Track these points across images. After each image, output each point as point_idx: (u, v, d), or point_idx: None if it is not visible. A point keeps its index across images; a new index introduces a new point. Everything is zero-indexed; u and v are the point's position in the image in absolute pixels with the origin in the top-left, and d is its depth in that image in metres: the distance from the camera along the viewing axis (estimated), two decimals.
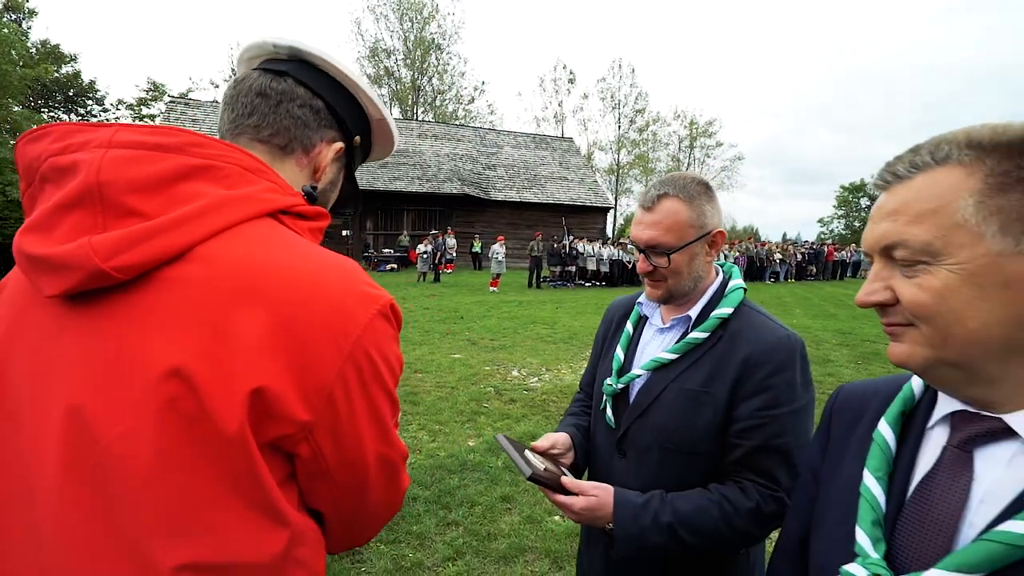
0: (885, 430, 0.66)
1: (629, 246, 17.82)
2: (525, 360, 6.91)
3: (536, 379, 6.06)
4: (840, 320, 11.11)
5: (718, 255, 1.18)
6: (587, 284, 17.92)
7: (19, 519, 0.56)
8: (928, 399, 0.66)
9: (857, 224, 47.65)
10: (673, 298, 1.18)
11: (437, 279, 16.65)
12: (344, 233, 18.98)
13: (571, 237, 18.04)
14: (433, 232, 18.06)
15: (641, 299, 1.28)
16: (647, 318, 1.27)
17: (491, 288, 14.66)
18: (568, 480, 1.09)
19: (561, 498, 1.06)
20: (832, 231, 51.48)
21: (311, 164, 0.78)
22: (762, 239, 30.28)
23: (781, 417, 1.04)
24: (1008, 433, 0.55)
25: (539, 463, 1.11)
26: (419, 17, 36.83)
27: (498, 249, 15.51)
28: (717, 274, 1.21)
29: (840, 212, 51.58)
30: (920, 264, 0.56)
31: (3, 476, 0.58)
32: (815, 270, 23.40)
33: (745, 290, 1.18)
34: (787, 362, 1.06)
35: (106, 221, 0.56)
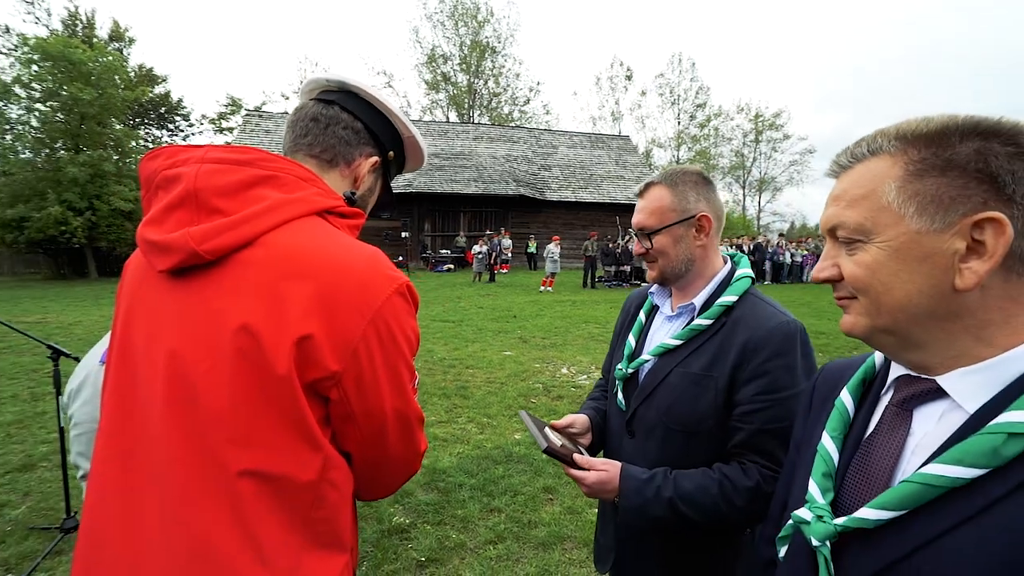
0: (845, 396, 0.72)
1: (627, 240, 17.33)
2: (575, 358, 6.95)
3: (585, 376, 6.10)
4: None
5: (711, 240, 1.23)
6: (642, 284, 17.58)
7: (140, 430, 0.76)
8: (885, 369, 0.70)
9: None
10: (668, 279, 1.25)
11: (492, 279, 16.93)
12: (403, 235, 19.70)
13: (626, 237, 17.80)
14: (488, 233, 18.38)
15: (653, 289, 1.35)
16: (659, 307, 1.34)
17: (543, 287, 14.74)
18: (580, 457, 1.18)
19: (574, 472, 1.15)
20: None
21: (352, 174, 0.96)
22: None
23: (783, 401, 1.08)
24: (941, 393, 0.60)
25: (556, 439, 1.21)
26: (474, 21, 37.55)
27: (553, 249, 15.58)
28: (726, 263, 1.27)
29: None
30: (856, 242, 0.62)
31: (128, 401, 0.78)
32: None
33: (752, 279, 1.22)
34: (785, 347, 1.09)
35: (199, 217, 0.76)
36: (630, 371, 1.28)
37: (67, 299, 13.68)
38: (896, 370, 0.67)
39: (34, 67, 18.95)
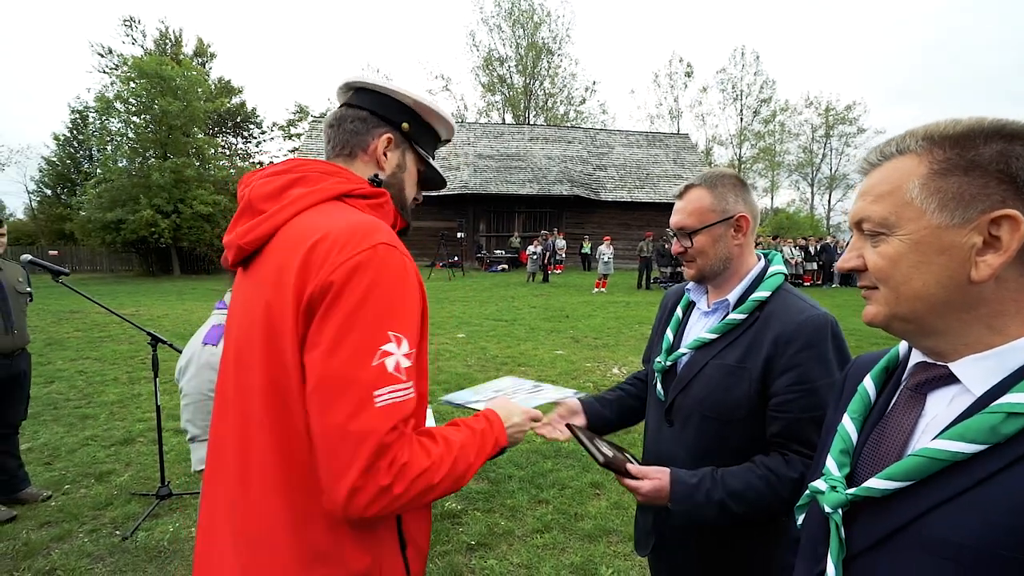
0: (867, 382, 0.76)
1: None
2: (627, 359, 6.92)
3: None
4: None
5: (748, 239, 1.27)
6: None
7: (226, 385, 0.95)
8: (906, 358, 0.74)
9: None
10: (705, 277, 1.30)
11: (546, 279, 17.00)
12: (459, 235, 20.14)
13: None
14: (543, 233, 18.46)
15: (690, 286, 1.40)
16: (695, 303, 1.39)
17: (596, 288, 14.65)
18: (633, 467, 1.23)
19: (630, 482, 1.19)
20: None
21: (372, 158, 1.04)
22: None
23: (816, 390, 1.11)
24: (952, 379, 0.64)
25: (607, 449, 1.28)
26: (530, 23, 37.73)
27: (605, 250, 15.46)
28: (759, 260, 1.31)
29: None
30: (880, 235, 0.66)
31: (224, 366, 0.97)
32: None
33: (785, 276, 1.26)
34: (816, 338, 1.13)
35: (252, 219, 0.93)
36: (668, 364, 1.34)
37: (156, 294, 15.02)
38: (915, 358, 0.71)
39: (132, 84, 20.87)
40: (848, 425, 0.74)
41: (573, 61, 54.70)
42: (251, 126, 31.36)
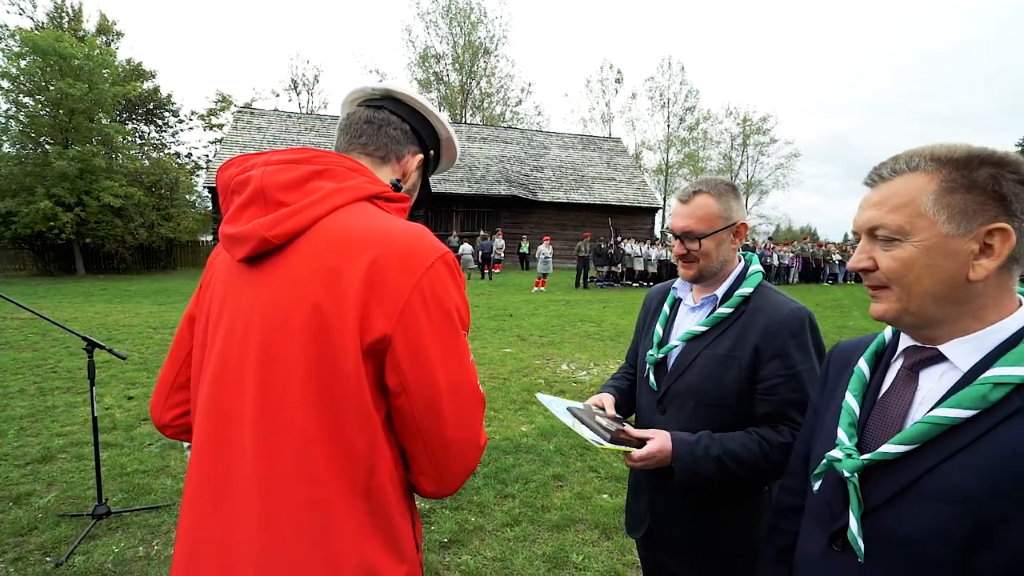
0: (862, 364, 0.89)
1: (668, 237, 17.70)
2: (574, 355, 7.14)
3: (585, 372, 6.29)
4: None
5: (739, 243, 1.42)
6: (634, 284, 17.90)
7: (234, 387, 0.84)
8: (893, 342, 0.88)
9: None
10: (703, 278, 1.42)
11: (483, 277, 17.10)
12: None
13: (618, 238, 18.07)
14: (482, 233, 18.57)
15: (676, 284, 1.54)
16: (681, 300, 1.52)
17: (536, 288, 14.93)
18: (635, 431, 1.31)
19: (638, 452, 1.27)
20: None
21: (401, 170, 1.06)
22: (820, 239, 29.05)
23: (800, 374, 1.27)
24: (941, 358, 0.78)
25: (608, 424, 1.35)
26: (467, 21, 37.65)
27: (544, 249, 15.78)
28: (739, 261, 1.46)
29: None
30: (894, 241, 0.78)
31: (223, 366, 0.86)
32: None
33: (763, 274, 1.42)
34: (798, 329, 1.29)
35: (267, 210, 0.86)
36: (660, 356, 1.46)
37: (58, 296, 13.57)
38: (904, 342, 0.85)
39: (23, 61, 18.67)
40: (851, 401, 0.87)
41: (510, 62, 55.29)
42: (166, 114, 28.92)
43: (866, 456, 0.78)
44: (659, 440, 1.28)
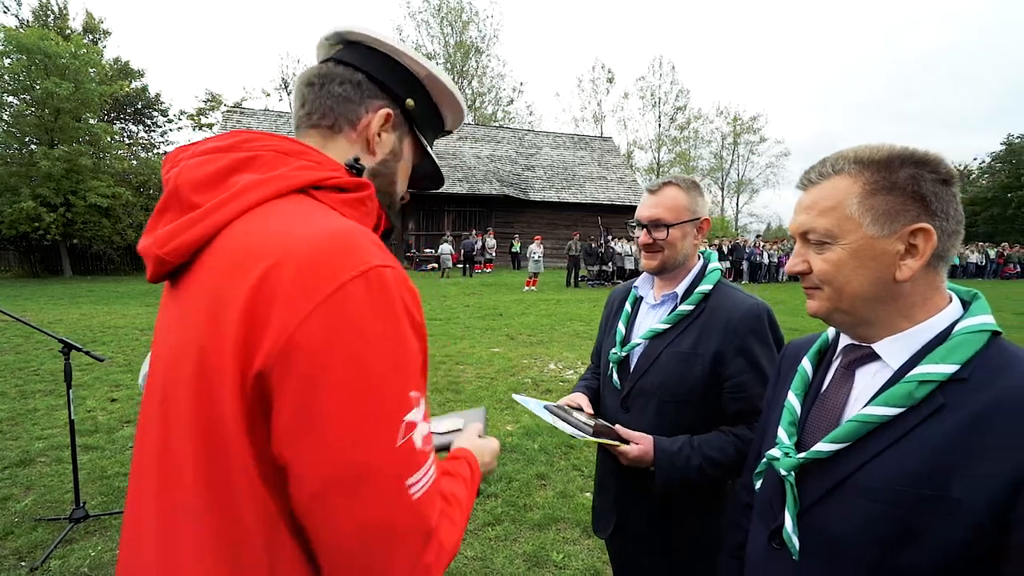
0: (805, 363, 0.91)
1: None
2: (562, 354, 7.16)
3: (572, 371, 6.30)
4: None
5: (701, 239, 1.45)
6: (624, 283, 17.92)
7: (146, 428, 0.68)
8: (835, 341, 0.90)
9: None
10: (665, 269, 1.43)
11: (465, 274, 17.12)
12: None
13: (609, 237, 18.14)
14: (464, 233, 18.63)
15: (637, 283, 1.56)
16: (642, 298, 1.53)
17: (527, 287, 14.95)
18: (622, 430, 1.33)
19: (623, 448, 1.29)
20: None
21: (361, 137, 0.79)
22: None
23: (764, 368, 1.29)
24: (875, 356, 0.79)
25: (589, 420, 1.38)
26: (458, 21, 37.59)
27: (535, 249, 15.80)
28: (699, 259, 1.48)
29: None
30: (825, 244, 0.80)
31: (147, 400, 0.71)
32: None
33: (722, 271, 1.45)
34: (758, 324, 1.32)
35: (181, 217, 0.65)
36: (623, 354, 1.47)
37: (43, 298, 13.41)
38: (843, 341, 0.86)
39: (7, 60, 18.43)
40: (793, 400, 0.88)
41: (501, 62, 55.32)
42: (155, 113, 28.65)
43: (802, 455, 0.80)
44: (641, 449, 1.29)
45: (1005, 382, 0.67)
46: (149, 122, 28.87)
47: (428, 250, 22.11)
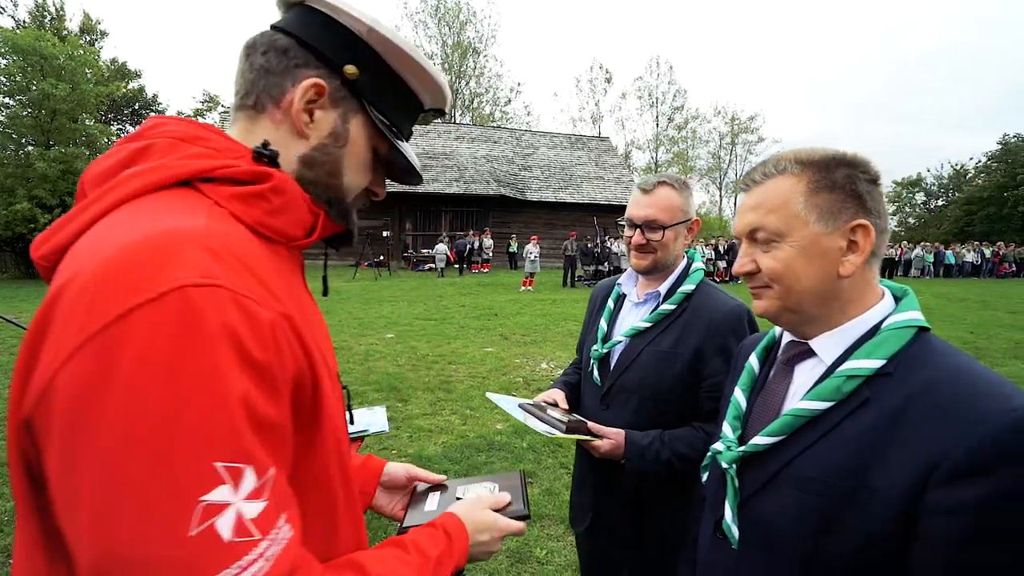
0: (752, 359, 0.94)
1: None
2: (554, 354, 7.18)
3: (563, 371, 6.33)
4: None
5: (690, 239, 1.46)
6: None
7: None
8: (780, 337, 0.92)
9: (912, 221, 45.23)
10: (656, 269, 1.45)
11: (461, 274, 17.19)
12: (384, 234, 19.71)
13: (605, 237, 18.17)
14: (458, 234, 18.70)
15: (620, 280, 1.57)
16: (625, 296, 1.55)
17: (523, 287, 14.97)
18: (593, 425, 1.35)
19: (593, 443, 1.32)
20: None
21: (287, 117, 0.66)
22: None
23: None
24: (812, 352, 0.82)
25: (562, 416, 1.39)
26: (456, 21, 37.62)
27: (531, 249, 15.82)
28: (683, 258, 1.49)
29: (892, 208, 49.10)
30: (773, 242, 0.82)
31: None
32: None
33: (705, 271, 1.46)
34: (738, 325, 1.34)
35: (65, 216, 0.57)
36: (604, 351, 1.49)
37: (38, 300, 13.27)
38: (786, 337, 0.89)
39: (3, 61, 18.42)
40: (739, 396, 0.91)
41: (499, 62, 55.33)
42: (152, 114, 28.71)
43: (741, 448, 0.82)
44: (612, 443, 1.31)
45: (919, 376, 0.70)
46: None
47: (425, 250, 22.12)
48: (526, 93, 51.32)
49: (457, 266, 19.35)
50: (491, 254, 20.82)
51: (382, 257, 19.42)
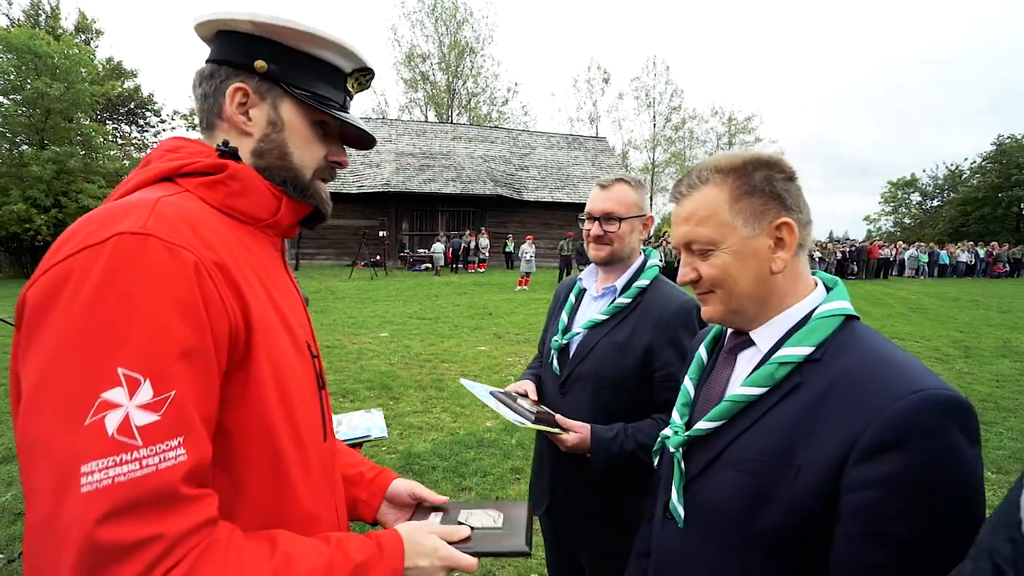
0: (701, 350, 0.98)
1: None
2: None
3: None
4: (874, 318, 10.91)
5: (645, 235, 1.54)
6: None
7: None
8: (727, 329, 0.97)
9: (907, 221, 45.39)
10: (612, 261, 1.52)
11: (455, 272, 17.23)
12: (381, 234, 19.74)
13: None
14: (453, 233, 18.80)
15: (581, 276, 1.64)
16: (586, 290, 1.61)
17: (519, 286, 15.02)
18: (560, 419, 1.41)
19: (560, 436, 1.38)
20: (879, 229, 49.20)
21: (232, 124, 0.78)
22: None
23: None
24: (752, 342, 0.86)
25: (532, 407, 1.45)
26: (453, 21, 37.62)
27: (527, 249, 15.88)
28: (641, 255, 1.56)
29: (887, 209, 49.30)
30: (708, 251, 0.86)
31: None
32: (856, 268, 22.68)
33: (660, 267, 1.53)
34: (687, 319, 1.40)
35: None
36: (564, 342, 1.55)
37: None
38: (731, 329, 0.94)
39: None
40: (688, 384, 0.95)
41: (496, 62, 55.26)
42: (148, 113, 28.59)
43: (688, 432, 0.87)
44: (579, 437, 1.37)
45: (842, 361, 0.74)
46: (142, 122, 28.78)
47: (422, 250, 22.15)
48: (523, 93, 51.67)
49: (452, 266, 19.43)
50: (487, 254, 20.87)
51: (378, 257, 19.44)
